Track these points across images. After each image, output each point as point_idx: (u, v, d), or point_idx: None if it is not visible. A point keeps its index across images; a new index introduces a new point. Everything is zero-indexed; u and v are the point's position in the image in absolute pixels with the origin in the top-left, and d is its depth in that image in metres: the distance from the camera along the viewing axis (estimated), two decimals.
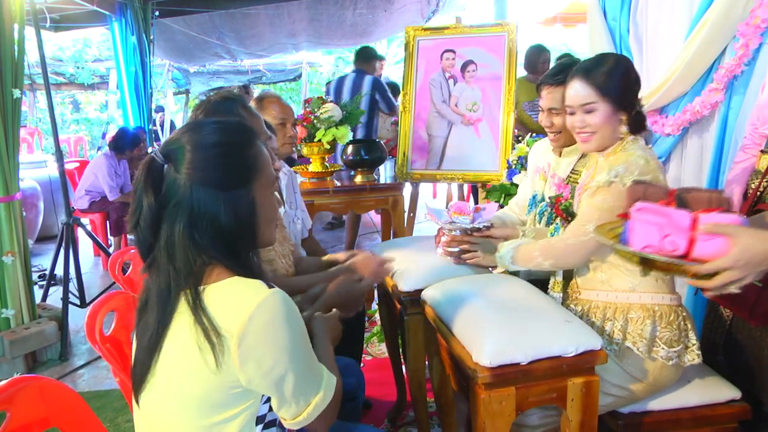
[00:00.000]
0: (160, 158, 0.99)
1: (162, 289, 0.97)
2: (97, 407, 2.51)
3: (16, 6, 2.85)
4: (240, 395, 0.96)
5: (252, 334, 0.91)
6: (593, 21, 2.58)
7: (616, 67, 1.49)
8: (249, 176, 1.00)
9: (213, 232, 0.97)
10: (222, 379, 0.93)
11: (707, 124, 2.13)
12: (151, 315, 0.99)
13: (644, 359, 1.44)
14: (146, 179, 0.97)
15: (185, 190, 0.96)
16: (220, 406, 0.96)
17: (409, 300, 1.76)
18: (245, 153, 1.01)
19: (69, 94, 12.57)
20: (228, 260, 0.98)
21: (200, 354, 0.92)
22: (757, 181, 1.67)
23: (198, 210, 0.96)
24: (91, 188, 4.70)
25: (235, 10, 6.18)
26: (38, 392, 1.12)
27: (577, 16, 8.43)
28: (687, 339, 1.47)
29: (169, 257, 0.96)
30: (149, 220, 0.97)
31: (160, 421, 1.01)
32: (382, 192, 3.33)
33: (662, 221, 1.12)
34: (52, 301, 3.54)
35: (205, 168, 0.97)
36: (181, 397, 0.97)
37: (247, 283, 0.96)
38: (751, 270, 1.03)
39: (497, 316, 1.40)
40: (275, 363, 0.93)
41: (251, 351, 0.91)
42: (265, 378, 0.94)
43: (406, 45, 3.47)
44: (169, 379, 0.97)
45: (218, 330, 0.91)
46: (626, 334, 1.46)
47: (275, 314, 0.93)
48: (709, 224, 1.06)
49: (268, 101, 2.28)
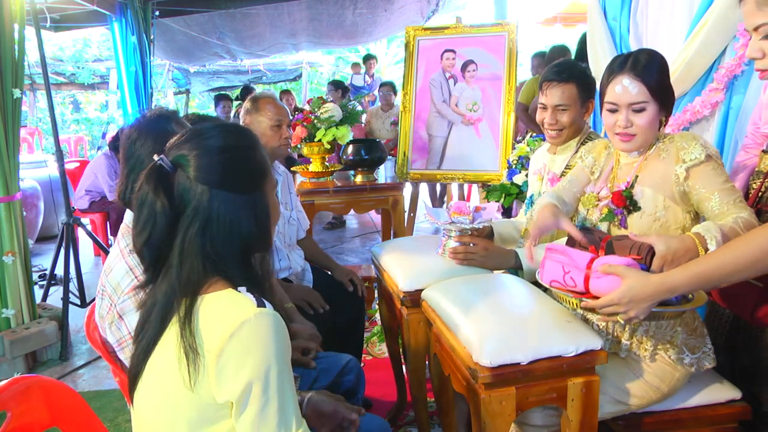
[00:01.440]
0: (168, 165, 0.96)
1: (167, 297, 0.96)
2: (98, 407, 2.52)
3: (17, 6, 2.85)
4: (224, 412, 0.94)
5: (230, 352, 0.89)
6: (593, 21, 2.58)
7: (664, 67, 1.45)
8: (261, 179, 1.02)
9: (230, 239, 0.96)
10: (198, 397, 0.92)
11: (707, 124, 2.12)
12: (150, 324, 0.98)
13: (672, 367, 1.42)
14: (156, 187, 0.93)
15: (203, 195, 0.94)
16: (205, 421, 0.94)
17: (409, 300, 1.77)
18: (255, 156, 1.02)
19: (69, 93, 12.58)
20: (236, 269, 0.97)
21: (179, 368, 0.91)
22: (759, 182, 1.67)
23: (218, 216, 0.94)
24: (91, 188, 4.70)
25: (235, 10, 6.18)
26: (38, 392, 1.12)
27: (577, 16, 8.44)
28: (705, 344, 1.47)
29: (180, 264, 0.94)
30: (164, 229, 0.94)
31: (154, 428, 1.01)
32: (382, 192, 3.34)
33: (565, 260, 1.31)
34: (53, 301, 3.55)
35: (223, 172, 0.96)
36: (170, 409, 0.96)
37: (236, 299, 0.94)
38: (634, 306, 1.16)
39: (497, 316, 1.40)
40: (250, 384, 0.89)
41: (227, 368, 0.89)
42: (238, 398, 0.90)
43: (407, 45, 3.47)
44: (157, 387, 0.97)
45: (197, 347, 0.90)
46: (657, 341, 1.44)
47: (258, 335, 0.90)
48: (604, 265, 1.23)
49: (264, 102, 2.26)
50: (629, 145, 1.46)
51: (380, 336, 2.94)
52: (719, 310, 1.74)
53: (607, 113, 1.48)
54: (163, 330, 0.96)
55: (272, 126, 2.20)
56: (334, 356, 1.71)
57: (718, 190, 1.35)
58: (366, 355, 2.85)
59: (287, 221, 2.33)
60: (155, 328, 0.97)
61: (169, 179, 0.96)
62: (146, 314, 1.00)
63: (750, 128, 1.83)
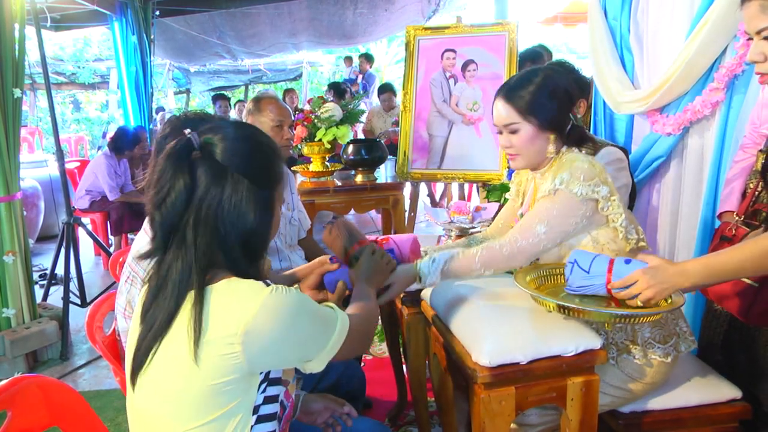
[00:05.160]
0: (197, 141, 1.00)
1: (184, 270, 0.96)
2: (98, 407, 2.52)
3: (17, 5, 2.85)
4: (231, 391, 0.96)
5: (259, 326, 0.93)
6: (594, 20, 2.58)
7: (538, 87, 1.45)
8: (276, 182, 1.06)
9: (235, 226, 0.99)
10: (207, 378, 0.93)
11: (708, 124, 2.12)
12: (163, 299, 0.98)
13: (642, 363, 1.43)
14: (179, 161, 0.97)
15: (223, 175, 0.98)
16: (212, 406, 0.95)
17: (409, 300, 1.77)
18: (276, 160, 1.08)
19: (69, 93, 12.59)
20: (237, 256, 1.00)
21: (188, 347, 0.92)
22: (755, 181, 1.68)
23: (230, 198, 0.98)
24: (92, 188, 4.70)
25: (235, 9, 6.19)
26: (39, 392, 1.12)
27: (577, 16, 8.45)
28: (678, 328, 1.47)
29: (194, 238, 0.97)
30: (183, 203, 0.97)
31: (154, 418, 1.01)
32: (383, 191, 3.34)
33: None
34: (53, 300, 3.55)
35: (246, 158, 1.01)
36: (174, 396, 0.97)
37: (248, 283, 0.97)
38: (655, 287, 1.21)
39: (497, 316, 1.40)
40: (290, 352, 0.99)
41: (259, 342, 0.94)
42: (284, 362, 1.02)
43: (407, 44, 3.47)
44: (164, 371, 0.97)
45: (203, 331, 0.92)
46: (618, 344, 1.45)
47: (284, 303, 0.96)
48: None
49: (266, 102, 2.26)
50: (515, 163, 1.53)
51: (380, 336, 2.94)
52: (716, 309, 1.74)
53: (499, 135, 1.56)
54: (177, 309, 0.96)
55: (273, 126, 2.21)
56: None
57: (530, 217, 1.42)
58: (366, 355, 2.85)
59: (288, 221, 2.32)
60: (169, 307, 0.96)
61: (193, 156, 0.99)
62: (155, 290, 1.00)
63: (748, 128, 1.83)
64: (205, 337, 0.93)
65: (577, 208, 1.38)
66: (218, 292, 0.96)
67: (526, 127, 1.45)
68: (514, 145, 1.49)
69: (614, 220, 1.41)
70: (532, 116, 1.44)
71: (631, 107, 2.38)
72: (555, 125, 1.46)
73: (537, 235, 1.39)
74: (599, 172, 1.40)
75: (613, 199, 1.40)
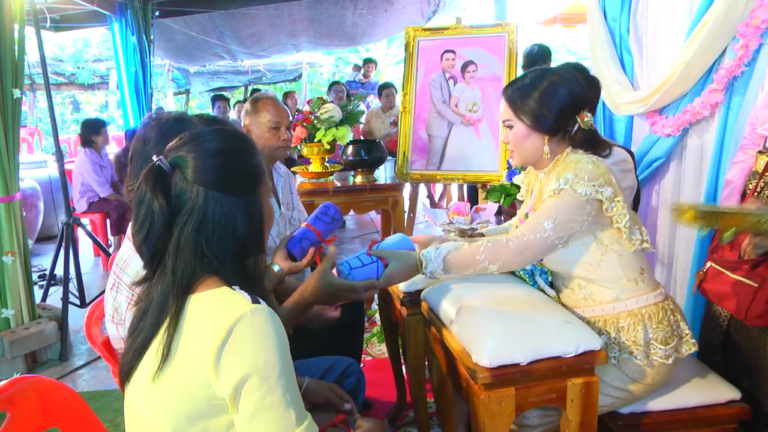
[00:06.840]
0: (167, 166, 0.98)
1: (163, 295, 0.97)
2: (97, 407, 2.51)
3: (17, 6, 2.85)
4: (223, 407, 0.94)
5: (227, 347, 0.90)
6: (593, 21, 2.58)
7: (537, 89, 1.44)
8: (256, 183, 1.03)
9: (225, 239, 0.97)
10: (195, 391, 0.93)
11: (707, 125, 2.13)
12: (146, 322, 0.99)
13: (643, 364, 1.43)
14: (154, 187, 0.95)
15: (199, 195, 0.96)
16: (199, 416, 0.94)
17: (409, 300, 1.77)
18: (251, 160, 1.04)
19: (69, 94, 12.59)
20: (230, 269, 0.98)
21: (154, 360, 0.93)
22: (754, 182, 1.68)
23: (213, 216, 0.96)
24: (84, 188, 4.72)
25: (235, 10, 6.19)
26: (38, 392, 1.12)
27: (577, 17, 8.44)
28: (680, 330, 1.47)
29: (174, 262, 0.96)
30: (161, 227, 0.96)
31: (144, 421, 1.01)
32: (382, 192, 3.34)
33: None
34: (52, 301, 3.55)
35: (220, 174, 0.98)
36: (163, 404, 0.96)
37: (231, 296, 0.96)
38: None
39: (497, 317, 1.40)
40: (247, 376, 0.90)
41: (225, 362, 0.90)
42: (235, 390, 0.91)
43: (406, 45, 3.47)
44: (151, 384, 0.97)
45: (171, 348, 0.93)
46: (621, 344, 1.44)
47: (255, 329, 0.91)
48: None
49: (263, 103, 2.24)
50: (513, 159, 1.56)
51: (380, 336, 2.94)
52: (716, 310, 1.75)
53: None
54: (158, 328, 0.97)
55: (271, 128, 2.20)
56: (335, 359, 1.70)
57: (537, 214, 1.42)
58: (366, 355, 2.85)
59: (288, 221, 2.32)
60: (151, 326, 0.98)
61: (167, 180, 0.97)
62: (142, 312, 1.02)
63: (748, 129, 1.84)
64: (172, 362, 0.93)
65: (581, 208, 1.38)
66: (200, 302, 0.96)
67: (519, 126, 1.48)
68: (509, 141, 1.52)
69: (618, 221, 1.41)
70: (522, 115, 1.46)
71: (630, 108, 2.38)
72: (547, 128, 1.46)
73: (544, 231, 1.38)
74: (603, 172, 1.40)
75: (618, 200, 1.39)
